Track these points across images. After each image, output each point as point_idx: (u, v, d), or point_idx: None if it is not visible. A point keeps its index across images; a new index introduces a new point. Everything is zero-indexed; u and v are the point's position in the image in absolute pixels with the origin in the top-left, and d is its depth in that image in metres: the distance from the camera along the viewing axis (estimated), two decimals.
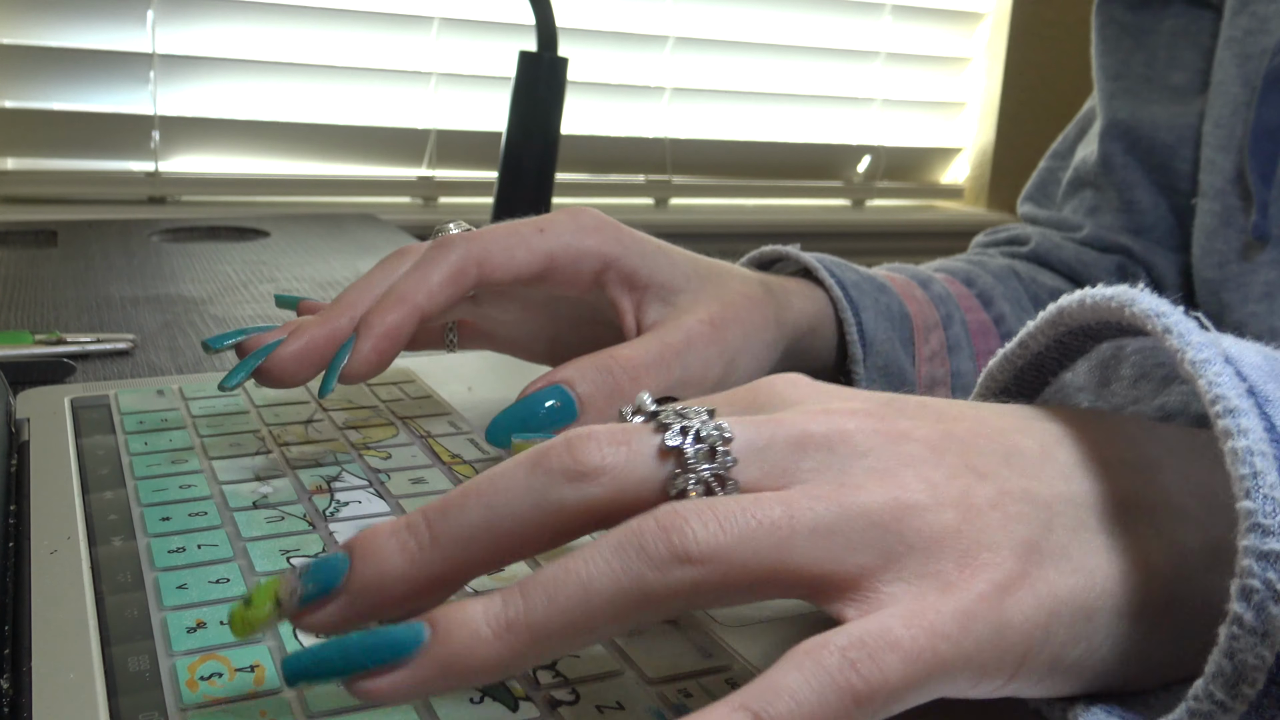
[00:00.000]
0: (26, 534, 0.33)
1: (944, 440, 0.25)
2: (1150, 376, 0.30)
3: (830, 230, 1.58)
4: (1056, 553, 0.23)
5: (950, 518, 0.23)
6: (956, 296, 0.54)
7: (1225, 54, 0.56)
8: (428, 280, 0.37)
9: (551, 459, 0.23)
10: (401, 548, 0.23)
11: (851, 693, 0.20)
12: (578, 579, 0.22)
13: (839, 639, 0.21)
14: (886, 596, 0.22)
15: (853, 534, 0.22)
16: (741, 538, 0.22)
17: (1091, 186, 0.65)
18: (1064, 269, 0.63)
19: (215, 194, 1.25)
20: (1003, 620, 0.22)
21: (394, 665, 0.21)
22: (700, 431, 0.24)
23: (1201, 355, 0.24)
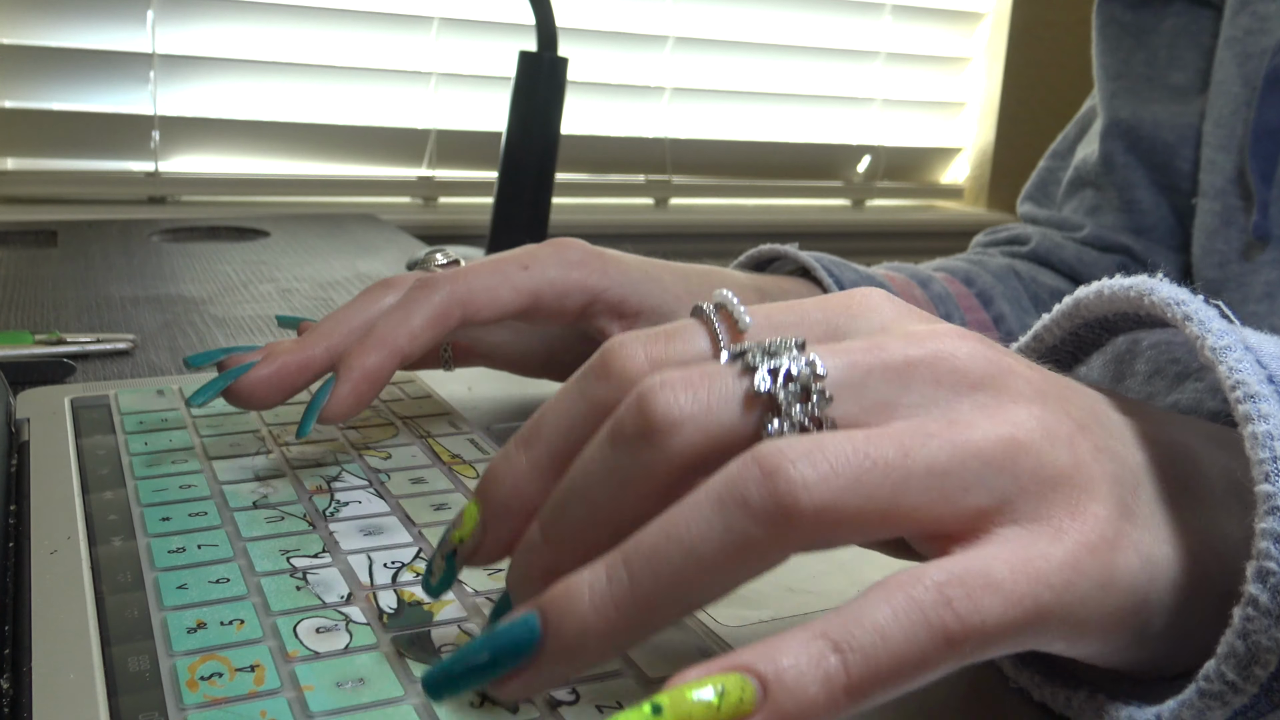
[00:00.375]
0: (26, 534, 0.33)
1: (1045, 384, 0.24)
2: (1164, 373, 0.30)
3: (830, 230, 1.57)
4: (1148, 518, 0.23)
5: (1063, 460, 0.22)
6: (956, 296, 0.54)
7: (1226, 53, 0.57)
8: (409, 322, 0.37)
9: (626, 424, 0.22)
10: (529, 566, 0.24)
11: (944, 632, 0.19)
12: (680, 545, 0.21)
13: (936, 573, 0.20)
14: (997, 538, 0.21)
15: (966, 475, 0.21)
16: (854, 481, 0.20)
17: (1092, 186, 0.65)
18: (1064, 269, 0.63)
19: (215, 194, 1.25)
20: (1109, 576, 0.22)
21: (519, 668, 0.22)
22: (791, 370, 0.22)
23: (1222, 342, 0.24)
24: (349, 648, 0.27)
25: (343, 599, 0.30)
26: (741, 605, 0.31)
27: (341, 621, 0.29)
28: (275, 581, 0.31)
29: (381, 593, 0.30)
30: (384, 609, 0.29)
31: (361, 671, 0.26)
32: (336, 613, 0.29)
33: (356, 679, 0.26)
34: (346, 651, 0.27)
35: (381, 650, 0.27)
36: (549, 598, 0.22)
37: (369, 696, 0.25)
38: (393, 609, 0.29)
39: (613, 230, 1.38)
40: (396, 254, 0.87)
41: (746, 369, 0.22)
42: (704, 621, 0.30)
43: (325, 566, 0.32)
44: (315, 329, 0.39)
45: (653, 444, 0.22)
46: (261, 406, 0.37)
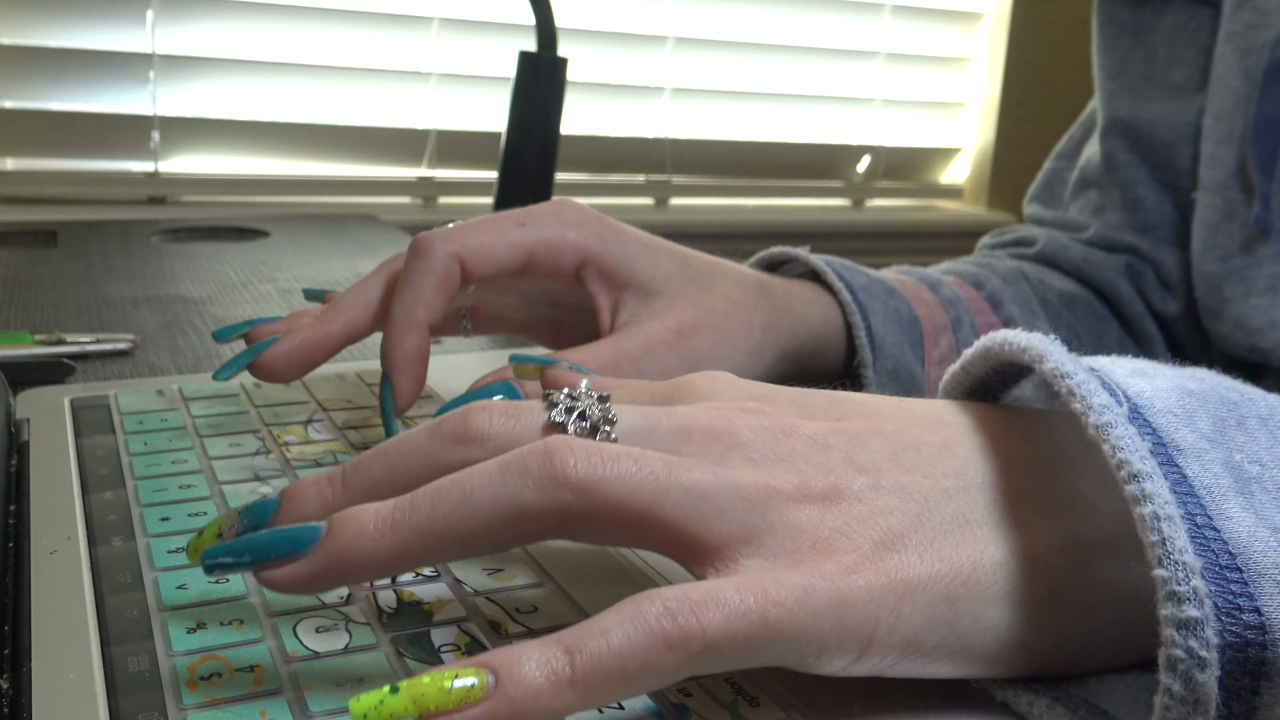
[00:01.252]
0: (26, 534, 0.33)
1: (832, 436, 0.26)
2: None
3: (830, 230, 1.58)
4: (922, 544, 0.24)
5: (811, 510, 0.24)
6: (965, 299, 0.54)
7: (1226, 48, 0.57)
8: (421, 294, 0.38)
9: (447, 425, 0.26)
10: (319, 495, 0.27)
11: (664, 637, 0.21)
12: (461, 489, 0.24)
13: (667, 592, 0.22)
14: (742, 568, 0.24)
15: (722, 503, 0.24)
16: (619, 477, 0.24)
17: (1096, 186, 0.65)
18: (1071, 269, 0.63)
19: (215, 194, 1.25)
20: (844, 597, 0.23)
21: (293, 558, 0.24)
22: (586, 412, 0.26)
23: (1104, 419, 0.24)
24: (349, 648, 0.27)
25: (342, 599, 0.30)
26: None
27: (341, 621, 0.29)
28: None
29: (381, 593, 0.30)
30: (383, 609, 0.29)
31: (361, 671, 0.26)
32: (336, 613, 0.29)
33: (356, 679, 0.26)
34: (346, 651, 0.27)
35: (381, 650, 0.27)
36: (338, 513, 0.25)
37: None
38: (392, 609, 0.29)
39: None
40: (396, 254, 0.87)
41: (550, 405, 0.27)
42: None
43: None
44: (334, 303, 0.41)
45: (461, 446, 0.26)
46: (283, 380, 0.40)
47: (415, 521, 0.24)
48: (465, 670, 0.21)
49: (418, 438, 0.26)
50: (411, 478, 0.26)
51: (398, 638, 0.28)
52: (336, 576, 0.24)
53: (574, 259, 0.41)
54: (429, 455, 0.26)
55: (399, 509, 0.24)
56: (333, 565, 0.24)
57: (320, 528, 0.24)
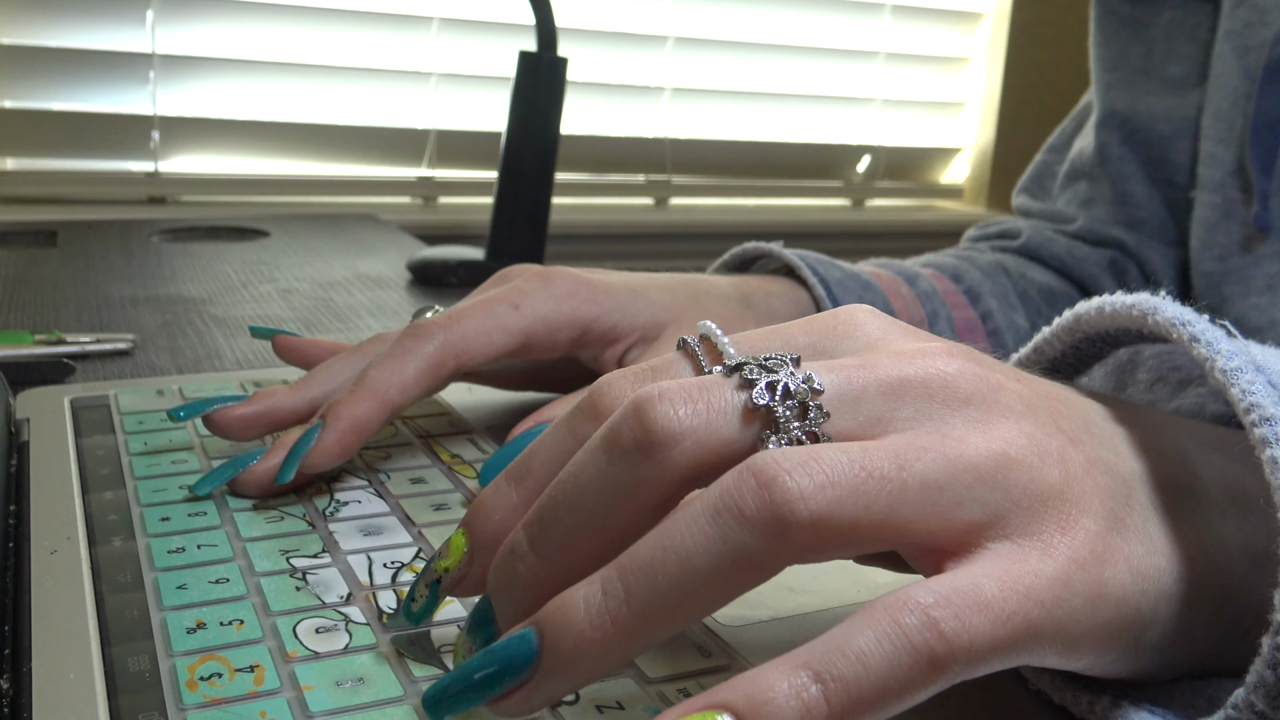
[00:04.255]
0: (26, 534, 0.33)
1: (1035, 398, 0.24)
2: (1167, 380, 0.30)
3: (830, 230, 1.57)
4: (1139, 529, 0.23)
5: (1054, 475, 0.22)
6: (943, 293, 0.54)
7: (1225, 46, 0.57)
8: (402, 373, 0.36)
9: (624, 435, 0.22)
10: (515, 576, 0.23)
11: (930, 656, 0.19)
12: (677, 557, 0.20)
13: (923, 595, 0.20)
14: (988, 553, 0.21)
15: (960, 489, 0.21)
16: (852, 492, 0.20)
17: (1086, 178, 0.65)
18: (1055, 263, 0.63)
19: (215, 194, 1.25)
20: (1099, 591, 0.21)
21: (519, 683, 0.21)
22: (789, 386, 0.22)
23: (1233, 363, 0.23)
24: (349, 648, 0.27)
25: (342, 599, 0.30)
26: (741, 605, 0.31)
27: (341, 621, 0.29)
28: (275, 582, 0.31)
29: (381, 593, 0.30)
30: (384, 609, 0.29)
31: (361, 671, 0.26)
32: (336, 613, 0.29)
33: (356, 679, 0.26)
34: (346, 651, 0.27)
35: (381, 650, 0.27)
36: (545, 613, 0.21)
37: (368, 696, 0.25)
38: (392, 609, 0.29)
39: (613, 230, 1.38)
40: (396, 254, 0.87)
41: (744, 383, 0.22)
42: (704, 622, 0.30)
43: (325, 566, 0.32)
44: (308, 378, 0.39)
45: (650, 457, 0.22)
46: (235, 439, 0.38)
47: (636, 609, 0.20)
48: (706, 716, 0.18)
49: (594, 464, 0.22)
50: (608, 514, 0.22)
51: (397, 638, 0.28)
52: (567, 686, 0.22)
53: (572, 333, 0.40)
54: (619, 481, 0.22)
55: (612, 597, 0.21)
56: (561, 679, 0.21)
57: (533, 640, 0.21)
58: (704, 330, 0.25)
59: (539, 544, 0.23)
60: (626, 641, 0.21)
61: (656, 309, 0.42)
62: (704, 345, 0.25)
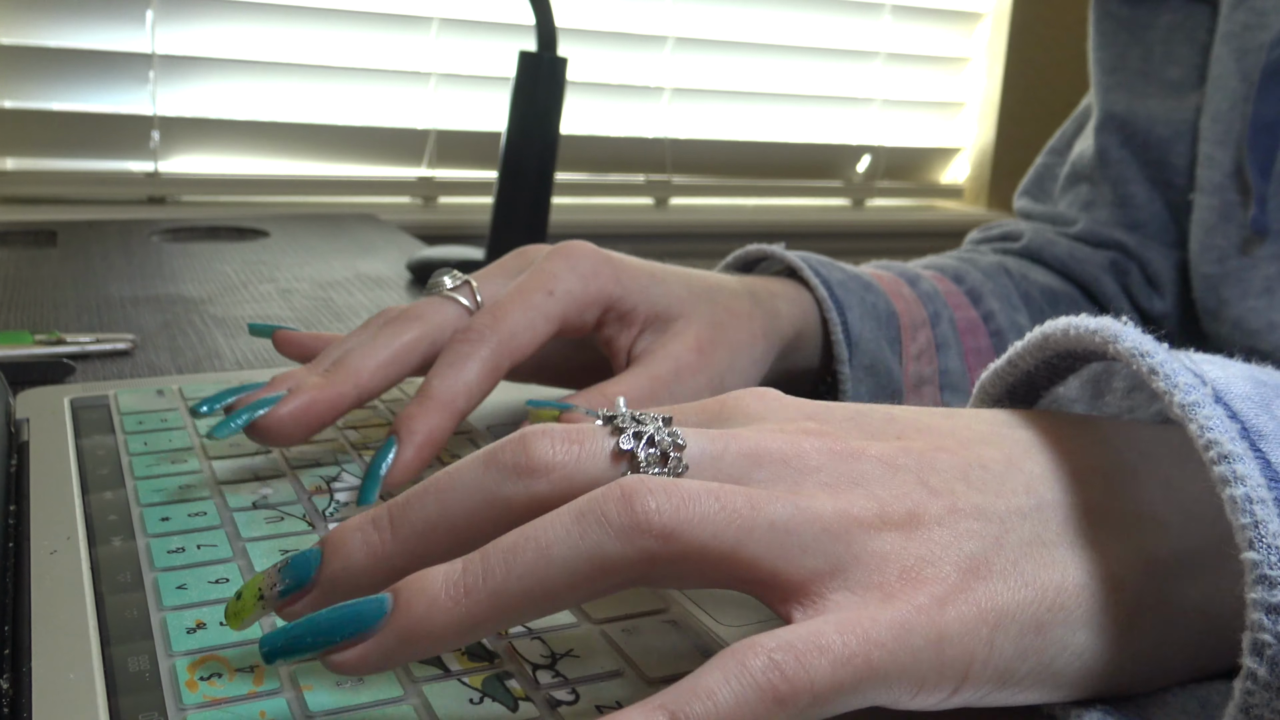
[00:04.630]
0: (26, 534, 0.33)
1: (900, 456, 0.25)
2: (1143, 387, 0.30)
3: (830, 230, 1.57)
4: (1006, 568, 0.23)
5: (893, 538, 0.23)
6: (945, 294, 0.54)
7: (1223, 49, 0.57)
8: (465, 381, 0.36)
9: (505, 454, 0.24)
10: (365, 542, 0.25)
11: (773, 693, 0.20)
12: (537, 545, 0.22)
13: (768, 641, 0.21)
14: (831, 604, 0.22)
15: (806, 537, 0.23)
16: (704, 518, 0.22)
17: (1087, 181, 0.65)
18: (1056, 265, 0.63)
19: (215, 194, 1.25)
20: (940, 632, 0.22)
21: (361, 637, 0.22)
22: (654, 437, 0.24)
23: (1190, 397, 0.23)
24: None
25: None
26: (742, 607, 0.31)
27: None
28: None
29: None
30: None
31: None
32: None
33: (356, 679, 0.26)
34: None
35: None
36: (403, 581, 0.23)
37: (368, 696, 0.25)
38: None
39: (613, 230, 1.38)
40: (396, 254, 0.87)
41: (615, 430, 0.25)
42: (704, 623, 0.30)
43: None
44: (341, 363, 0.37)
45: (522, 479, 0.24)
46: (286, 443, 0.36)
47: (491, 585, 0.22)
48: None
49: (471, 471, 0.24)
50: (469, 516, 0.24)
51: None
52: (409, 652, 0.23)
53: (598, 312, 0.40)
54: (487, 490, 0.24)
55: (470, 573, 0.22)
56: (405, 641, 0.22)
57: (386, 601, 0.22)
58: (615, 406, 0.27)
59: (397, 522, 0.24)
60: (476, 616, 0.22)
61: (672, 299, 0.42)
62: None
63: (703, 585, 0.23)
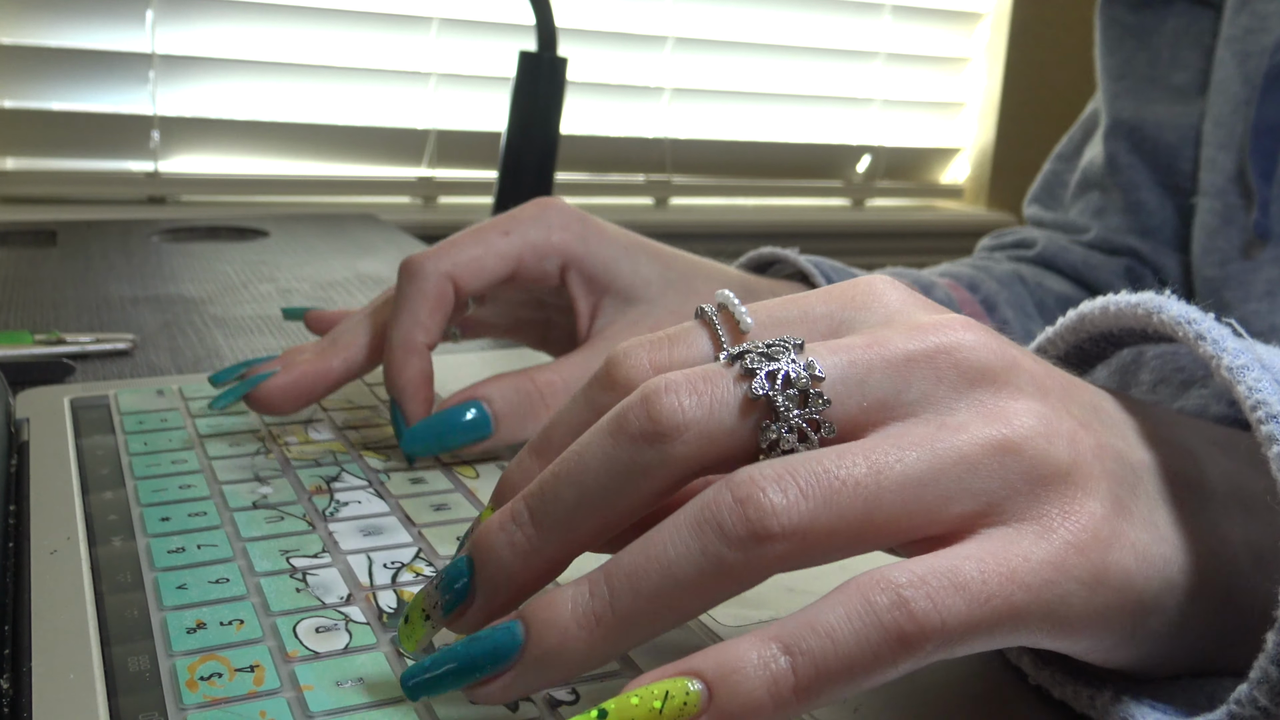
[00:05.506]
0: (26, 534, 0.33)
1: (1048, 379, 0.24)
2: (1169, 381, 0.30)
3: (830, 230, 1.57)
4: (1145, 517, 0.23)
5: (1061, 456, 0.22)
6: (959, 302, 0.54)
7: (1225, 52, 0.57)
8: (417, 317, 0.39)
9: (631, 422, 0.23)
10: (510, 542, 0.24)
11: (899, 634, 0.19)
12: (660, 565, 0.21)
13: (898, 574, 0.20)
14: (980, 536, 0.21)
15: (948, 483, 0.21)
16: (824, 502, 0.21)
17: (1098, 188, 0.65)
18: (1071, 272, 0.63)
19: (215, 194, 1.25)
20: (1098, 575, 0.21)
21: (500, 671, 0.22)
22: (790, 374, 0.22)
23: (1239, 361, 0.23)
24: (349, 648, 0.27)
25: (342, 599, 0.30)
26: (742, 605, 0.31)
27: (341, 621, 0.29)
28: (275, 582, 0.31)
29: (381, 593, 0.30)
30: (384, 609, 0.29)
31: (361, 671, 0.26)
32: (336, 613, 0.29)
33: (356, 679, 0.26)
34: (346, 651, 0.27)
35: (381, 650, 0.27)
36: (531, 607, 0.22)
37: (369, 696, 0.25)
38: (392, 609, 0.29)
39: None
40: (396, 254, 0.87)
41: (745, 372, 0.23)
42: (704, 622, 0.30)
43: (325, 567, 0.32)
44: (331, 339, 0.41)
45: (655, 445, 0.22)
46: (279, 413, 0.40)
47: (619, 611, 0.21)
48: (676, 682, 0.19)
49: (600, 445, 0.23)
50: (608, 494, 0.23)
51: (397, 638, 0.28)
52: (547, 680, 0.22)
53: (557, 262, 0.41)
54: (621, 464, 0.23)
55: (598, 598, 0.22)
56: (541, 673, 0.22)
57: (519, 632, 0.22)
58: (721, 299, 0.25)
59: (538, 515, 0.23)
60: (608, 642, 0.22)
61: (638, 280, 0.41)
62: (721, 314, 0.25)
63: (841, 558, 0.22)
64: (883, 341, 0.23)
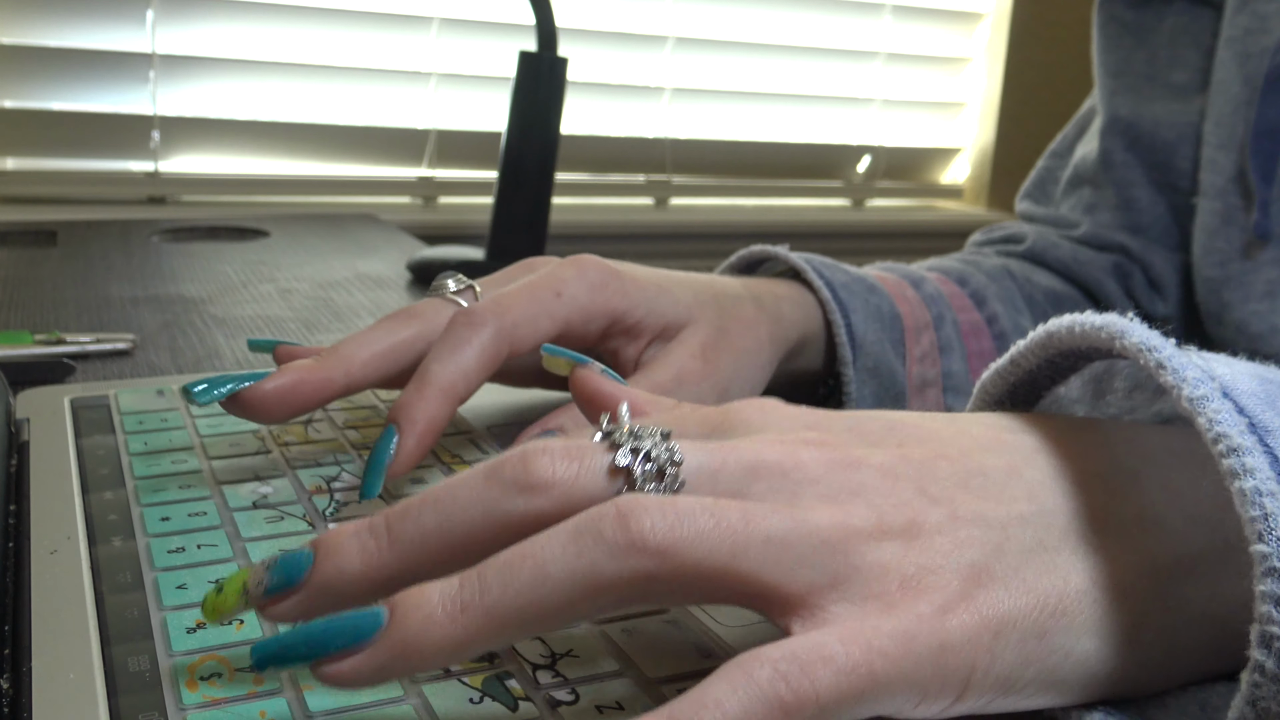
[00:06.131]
0: (26, 534, 0.33)
1: (899, 465, 0.25)
2: (1144, 387, 0.30)
3: (830, 230, 1.57)
4: (1007, 575, 0.23)
5: (893, 548, 0.23)
6: (948, 296, 0.54)
7: (1226, 53, 0.57)
8: (463, 364, 0.36)
9: (505, 470, 0.24)
10: (361, 548, 0.24)
11: (779, 704, 0.20)
12: (534, 563, 0.22)
13: (773, 652, 0.21)
14: (831, 615, 0.22)
15: (804, 550, 0.23)
16: (698, 535, 0.22)
17: (1090, 184, 0.65)
18: (1059, 267, 0.63)
19: (215, 194, 1.25)
20: (943, 640, 0.22)
21: (354, 649, 0.22)
22: (651, 453, 0.24)
23: (1199, 391, 0.23)
24: None
25: None
26: (741, 608, 0.31)
27: None
28: None
29: None
30: None
31: None
32: None
33: None
34: None
35: None
36: (399, 595, 0.23)
37: (368, 696, 0.25)
38: None
39: (612, 230, 1.38)
40: (396, 254, 0.87)
41: (613, 445, 0.25)
42: (704, 622, 0.30)
43: None
44: (334, 351, 0.37)
45: (524, 495, 0.24)
46: (267, 421, 0.36)
47: (487, 602, 0.22)
48: None
49: (472, 484, 0.24)
50: (468, 529, 0.24)
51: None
52: (403, 667, 0.22)
53: (604, 323, 0.40)
54: (487, 504, 0.24)
55: (467, 589, 0.22)
56: (399, 656, 0.22)
57: (382, 614, 0.22)
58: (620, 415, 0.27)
59: (395, 530, 0.24)
60: (471, 633, 0.22)
61: (680, 308, 0.42)
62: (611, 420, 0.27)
63: (702, 601, 0.23)
64: (737, 447, 0.25)
